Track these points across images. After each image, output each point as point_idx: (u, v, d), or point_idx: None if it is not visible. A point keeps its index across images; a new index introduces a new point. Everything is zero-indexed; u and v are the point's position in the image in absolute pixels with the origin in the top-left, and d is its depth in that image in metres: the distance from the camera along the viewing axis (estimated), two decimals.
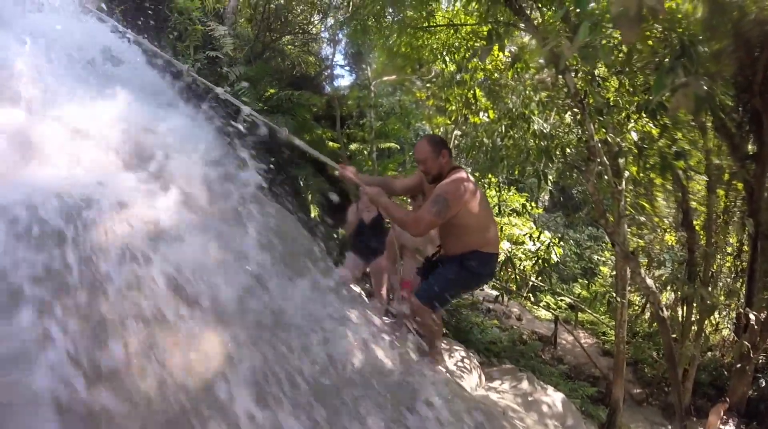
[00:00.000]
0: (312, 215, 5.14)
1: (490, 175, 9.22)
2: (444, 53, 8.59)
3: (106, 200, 1.88)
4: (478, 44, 8.17)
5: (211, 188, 2.52)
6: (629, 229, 7.89)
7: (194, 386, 1.63)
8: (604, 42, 3.29)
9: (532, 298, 13.77)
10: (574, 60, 5.42)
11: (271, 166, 3.43)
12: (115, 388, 1.48)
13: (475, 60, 7.70)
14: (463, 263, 3.23)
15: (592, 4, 3.27)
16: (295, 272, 2.64)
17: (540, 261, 10.63)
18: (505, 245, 13.73)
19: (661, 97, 4.46)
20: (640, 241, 9.35)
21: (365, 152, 10.10)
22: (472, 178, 3.53)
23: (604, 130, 5.94)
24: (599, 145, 6.16)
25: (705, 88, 3.90)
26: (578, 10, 3.53)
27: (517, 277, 11.31)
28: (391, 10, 6.83)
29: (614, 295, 9.26)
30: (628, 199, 7.34)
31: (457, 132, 11.08)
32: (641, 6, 2.54)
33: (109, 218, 1.82)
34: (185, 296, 1.77)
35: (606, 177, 6.45)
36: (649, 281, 7.09)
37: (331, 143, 9.60)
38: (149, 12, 6.33)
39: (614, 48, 3.45)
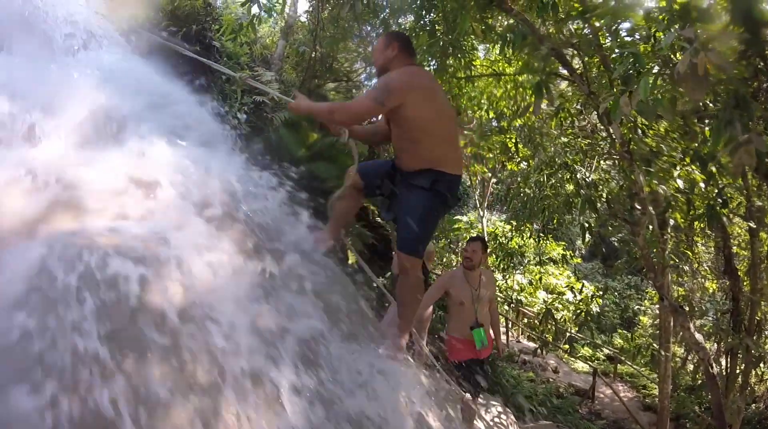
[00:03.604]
0: (350, 262, 5.08)
1: (528, 224, 9.05)
2: (483, 101, 8.62)
3: (160, 258, 1.85)
4: (517, 91, 8.20)
5: (262, 240, 2.50)
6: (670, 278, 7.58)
7: None
8: (662, 96, 3.21)
9: (569, 350, 13.35)
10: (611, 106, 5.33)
11: (311, 210, 3.42)
12: None
13: (516, 108, 7.70)
14: (433, 189, 2.77)
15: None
16: (343, 330, 2.57)
17: (582, 313, 10.25)
18: (541, 294, 13.49)
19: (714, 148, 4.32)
20: (680, 288, 8.98)
21: None
22: (432, 77, 3.25)
23: (654, 181, 5.76)
24: (647, 196, 5.98)
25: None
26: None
27: (555, 328, 10.95)
28: (431, 59, 6.90)
29: (657, 347, 8.84)
30: (670, 247, 7.07)
31: (494, 180, 11.05)
32: (708, 64, 2.46)
33: (163, 278, 1.79)
34: (237, 362, 1.71)
35: (651, 227, 6.23)
36: (698, 336, 6.74)
37: None
38: (199, 55, 6.54)
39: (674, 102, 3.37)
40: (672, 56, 3.35)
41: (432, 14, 5.72)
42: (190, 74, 5.53)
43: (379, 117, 3.10)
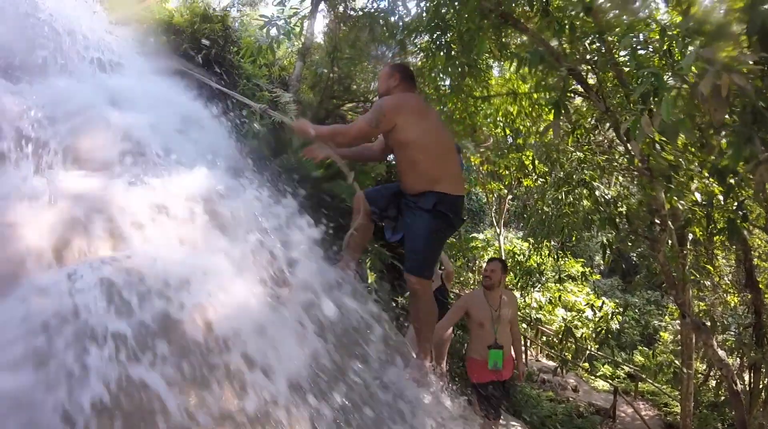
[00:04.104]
0: (369, 281, 5.09)
1: (546, 242, 8.98)
2: (499, 118, 8.65)
3: (190, 286, 1.88)
4: (533, 108, 8.21)
5: (285, 264, 2.52)
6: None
7: None
8: (682, 115, 3.20)
9: (589, 368, 13.13)
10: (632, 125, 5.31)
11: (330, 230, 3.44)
12: None
13: (533, 127, 7.72)
14: (437, 210, 2.86)
15: (671, 81, 3.20)
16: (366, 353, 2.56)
17: (602, 331, 10.09)
18: (560, 312, 13.33)
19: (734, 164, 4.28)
20: (701, 303, 8.82)
21: None
22: (423, 101, 3.35)
23: (675, 197, 5.70)
24: (666, 212, 5.93)
25: None
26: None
27: (575, 346, 10.78)
28: (446, 78, 6.96)
29: (678, 364, 8.66)
30: (689, 261, 6.96)
31: (510, 196, 11.03)
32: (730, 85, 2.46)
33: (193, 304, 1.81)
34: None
35: (670, 242, 6.16)
36: (721, 352, 6.61)
37: None
38: (219, 78, 6.66)
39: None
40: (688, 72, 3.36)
41: (448, 35, 5.76)
42: (208, 94, 5.63)
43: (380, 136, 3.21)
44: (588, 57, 5.29)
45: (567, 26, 4.26)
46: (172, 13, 8.46)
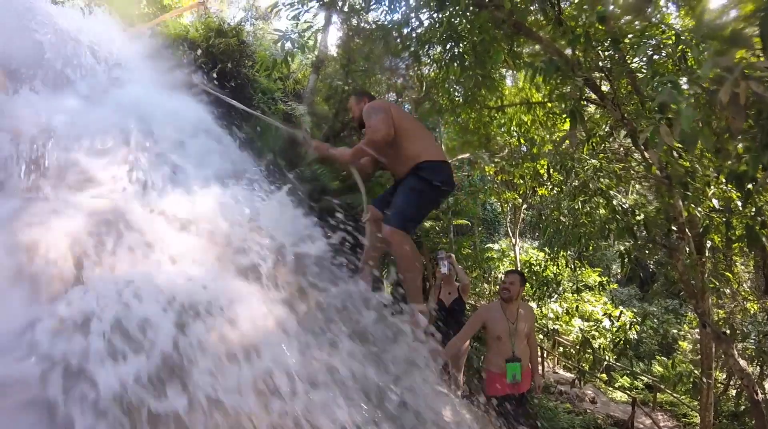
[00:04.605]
0: (386, 294, 5.06)
1: (563, 252, 8.89)
2: (512, 128, 8.62)
3: (211, 302, 1.88)
4: (548, 117, 8.18)
5: (304, 278, 2.52)
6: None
7: None
8: (701, 124, 3.17)
9: (606, 378, 12.94)
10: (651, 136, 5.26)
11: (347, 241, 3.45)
12: None
13: (548, 136, 7.67)
14: (417, 175, 3.23)
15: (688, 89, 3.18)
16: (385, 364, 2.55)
17: (620, 342, 9.95)
18: (577, 322, 13.18)
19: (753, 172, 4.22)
20: (720, 311, 8.66)
21: (436, 229, 10.06)
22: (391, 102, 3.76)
23: (692, 205, 5.63)
24: (684, 220, 5.86)
25: None
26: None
27: (593, 357, 10.63)
28: (459, 89, 6.96)
29: (698, 374, 8.50)
30: (708, 269, 6.84)
31: (524, 205, 10.97)
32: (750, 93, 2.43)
33: (215, 322, 1.81)
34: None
35: (688, 249, 6.08)
36: (742, 362, 6.48)
37: None
38: (234, 92, 6.73)
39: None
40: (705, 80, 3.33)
41: (461, 45, 5.77)
42: (225, 108, 5.67)
43: None
44: (601, 64, 5.26)
45: (582, 35, 4.23)
46: (188, 28, 8.60)
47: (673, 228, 6.18)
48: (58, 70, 3.75)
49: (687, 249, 6.02)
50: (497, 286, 14.18)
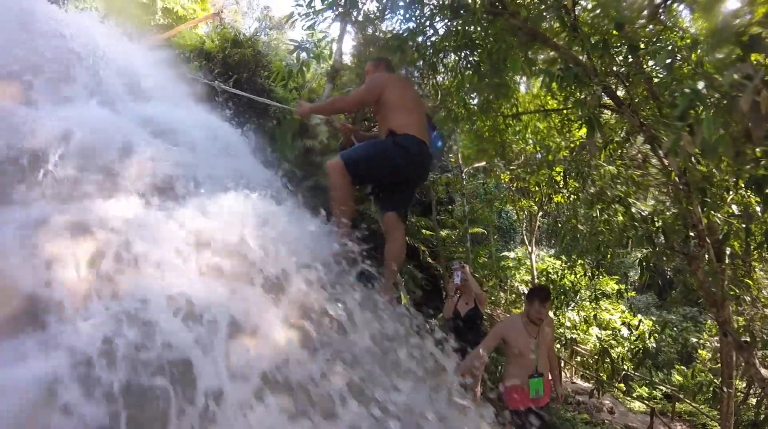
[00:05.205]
0: (402, 303, 5.04)
1: (580, 260, 8.79)
2: (528, 135, 8.57)
3: (229, 319, 1.87)
4: (564, 124, 8.12)
5: (322, 286, 2.51)
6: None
7: None
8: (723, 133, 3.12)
9: (625, 388, 12.75)
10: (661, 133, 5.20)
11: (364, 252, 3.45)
12: None
13: (563, 142, 7.62)
14: (393, 138, 3.44)
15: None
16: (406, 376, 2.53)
17: (639, 352, 9.80)
18: (594, 331, 13.02)
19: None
20: (739, 318, 8.48)
21: (452, 237, 10.03)
22: (403, 79, 4.34)
23: (712, 212, 5.55)
24: (704, 227, 5.77)
25: None
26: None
27: (612, 367, 10.48)
28: (474, 97, 6.95)
29: (718, 383, 8.34)
30: (728, 276, 6.72)
31: (540, 213, 10.90)
32: None
33: (232, 340, 1.81)
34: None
35: (707, 256, 5.98)
36: (764, 371, 6.35)
37: (424, 231, 9.53)
38: (250, 101, 6.78)
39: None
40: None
41: (476, 54, 5.76)
42: (240, 120, 5.71)
43: None
44: (615, 69, 5.21)
45: (600, 42, 4.20)
46: (203, 39, 8.70)
47: (692, 234, 6.10)
48: (76, 80, 3.74)
49: (707, 256, 5.92)
50: (513, 295, 14.16)
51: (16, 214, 2.18)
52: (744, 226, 6.06)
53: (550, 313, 12.47)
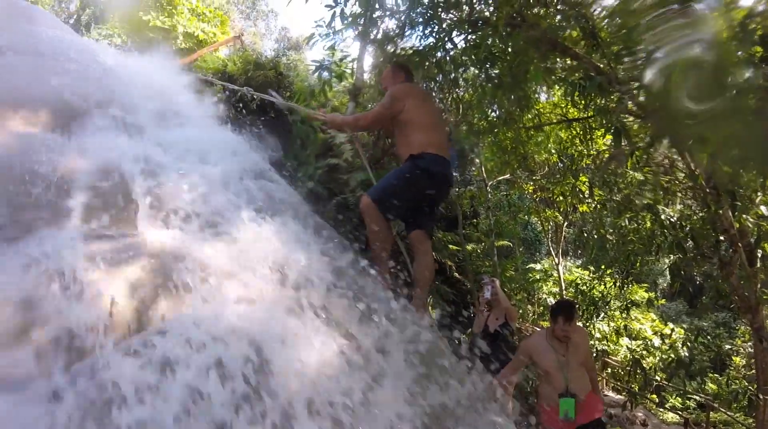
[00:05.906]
0: (432, 318, 5.03)
1: (609, 270, 8.65)
2: (550, 145, 8.54)
3: (270, 346, 1.89)
4: (586, 132, 8.06)
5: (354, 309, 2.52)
6: None
7: None
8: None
9: (657, 400, 12.45)
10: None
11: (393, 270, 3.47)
12: None
13: (586, 151, 7.57)
14: (414, 162, 3.41)
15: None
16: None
17: (672, 362, 9.57)
18: (625, 341, 12.77)
19: None
20: None
21: (478, 251, 9.97)
22: (423, 90, 4.33)
23: (743, 215, 5.45)
24: (736, 231, 5.67)
25: None
26: None
27: (644, 377, 10.24)
28: (495, 109, 6.95)
29: (753, 390, 8.10)
30: (760, 279, 6.55)
31: (566, 223, 10.80)
32: None
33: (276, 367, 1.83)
34: None
35: (740, 261, 5.87)
36: None
37: (451, 246, 9.45)
38: (273, 122, 6.90)
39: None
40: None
41: (496, 66, 5.77)
42: (265, 140, 5.79)
43: None
44: (636, 74, 5.17)
45: (624, 51, 4.19)
46: (226, 62, 8.89)
47: (722, 238, 5.99)
48: (108, 107, 3.78)
49: (739, 261, 5.80)
50: (541, 308, 13.93)
51: (46, 246, 2.13)
52: None
53: (579, 324, 12.29)
